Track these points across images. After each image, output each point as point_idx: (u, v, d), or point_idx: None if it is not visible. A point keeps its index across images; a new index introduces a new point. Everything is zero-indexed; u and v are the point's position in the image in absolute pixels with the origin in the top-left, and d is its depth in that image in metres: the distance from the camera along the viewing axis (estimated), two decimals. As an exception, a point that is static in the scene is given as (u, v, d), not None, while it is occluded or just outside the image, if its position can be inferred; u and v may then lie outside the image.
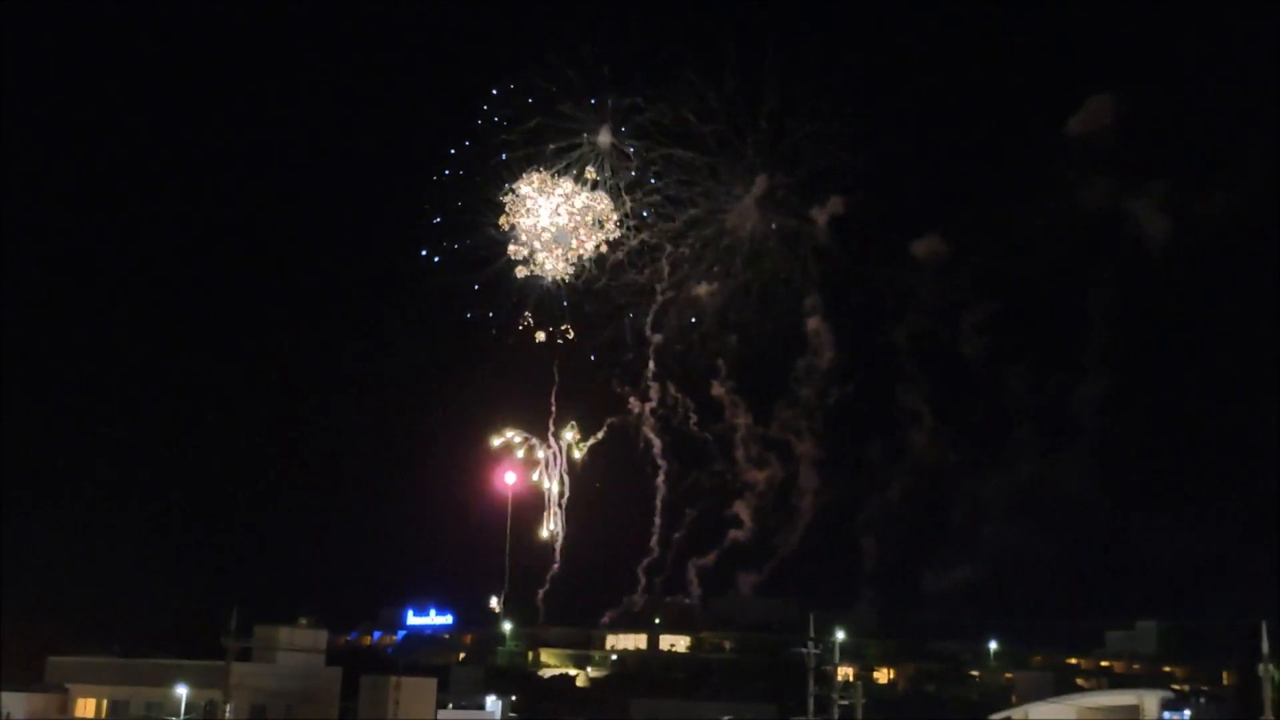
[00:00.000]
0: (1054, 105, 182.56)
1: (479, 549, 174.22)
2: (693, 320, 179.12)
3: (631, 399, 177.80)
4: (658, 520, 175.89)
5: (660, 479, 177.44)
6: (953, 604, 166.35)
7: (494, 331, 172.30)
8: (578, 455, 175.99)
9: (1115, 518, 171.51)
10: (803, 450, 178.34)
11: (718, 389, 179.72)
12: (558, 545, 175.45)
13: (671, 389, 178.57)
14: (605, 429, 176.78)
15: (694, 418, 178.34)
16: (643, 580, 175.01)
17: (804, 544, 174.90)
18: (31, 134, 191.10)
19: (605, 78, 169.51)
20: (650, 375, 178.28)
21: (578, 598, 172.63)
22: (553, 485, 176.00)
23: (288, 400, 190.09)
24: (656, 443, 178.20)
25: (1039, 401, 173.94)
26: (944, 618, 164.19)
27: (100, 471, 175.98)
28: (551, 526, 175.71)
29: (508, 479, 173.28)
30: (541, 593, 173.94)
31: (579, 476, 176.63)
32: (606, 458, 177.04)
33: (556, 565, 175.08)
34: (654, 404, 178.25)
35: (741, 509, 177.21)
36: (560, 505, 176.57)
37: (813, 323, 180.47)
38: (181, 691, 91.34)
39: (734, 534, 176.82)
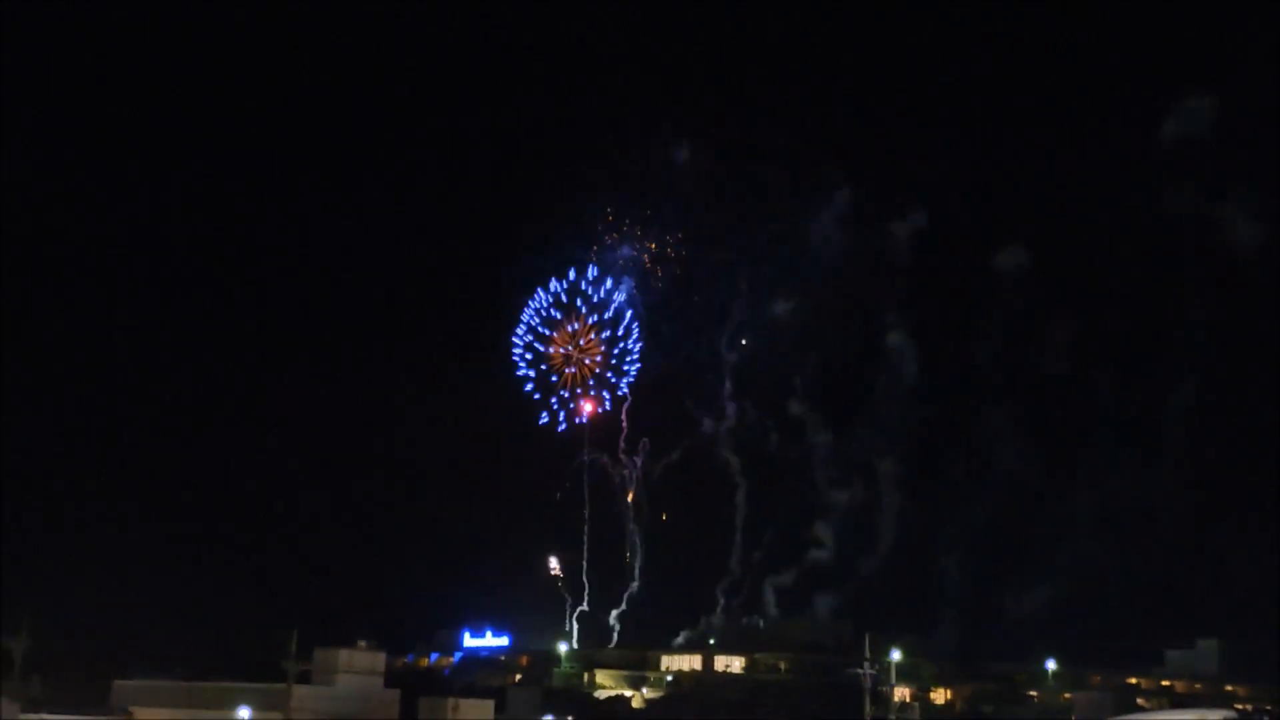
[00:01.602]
0: (1139, 111, 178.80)
1: (542, 555, 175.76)
2: (771, 339, 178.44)
3: (707, 419, 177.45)
4: (737, 539, 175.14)
5: (739, 498, 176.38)
6: (1034, 624, 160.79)
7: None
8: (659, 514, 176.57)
9: (1196, 533, 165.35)
10: (884, 469, 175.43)
11: (797, 408, 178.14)
12: (636, 564, 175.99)
13: (749, 408, 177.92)
14: (681, 450, 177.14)
15: (773, 437, 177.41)
16: (721, 600, 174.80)
17: (885, 564, 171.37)
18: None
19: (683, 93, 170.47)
20: (728, 394, 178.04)
21: (654, 617, 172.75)
22: (629, 505, 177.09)
23: (348, 428, 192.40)
24: (735, 462, 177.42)
25: (1124, 415, 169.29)
26: (1024, 638, 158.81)
27: (163, 498, 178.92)
28: (628, 547, 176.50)
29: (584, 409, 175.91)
30: (616, 612, 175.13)
31: (656, 496, 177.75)
32: (683, 478, 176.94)
33: (634, 584, 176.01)
34: (731, 423, 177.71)
35: (822, 529, 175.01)
36: (637, 525, 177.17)
37: (894, 338, 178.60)
38: (243, 714, 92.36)
39: (814, 554, 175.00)
